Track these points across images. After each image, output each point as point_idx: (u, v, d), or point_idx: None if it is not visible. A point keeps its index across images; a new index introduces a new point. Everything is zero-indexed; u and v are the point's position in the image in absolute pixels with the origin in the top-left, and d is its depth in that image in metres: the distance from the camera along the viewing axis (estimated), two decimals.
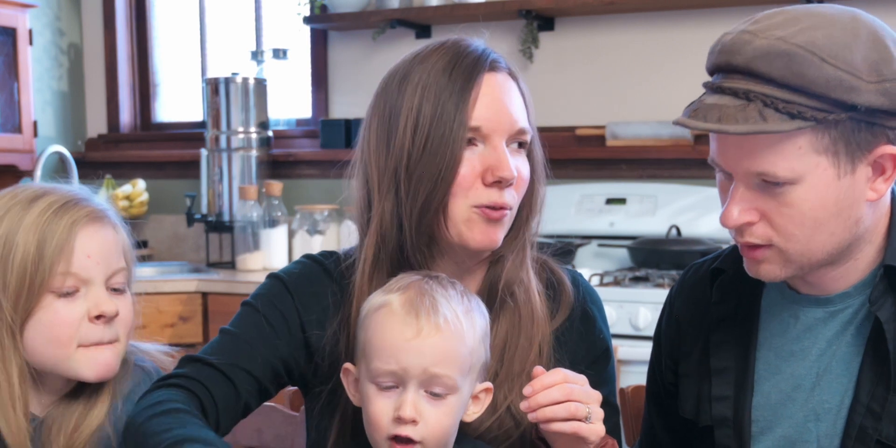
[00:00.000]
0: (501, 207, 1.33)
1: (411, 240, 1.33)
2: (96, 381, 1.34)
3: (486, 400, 1.30)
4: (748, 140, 1.18)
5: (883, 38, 1.18)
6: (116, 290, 1.35)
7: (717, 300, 1.38)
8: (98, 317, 1.31)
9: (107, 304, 1.32)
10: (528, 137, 1.37)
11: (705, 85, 1.25)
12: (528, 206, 1.39)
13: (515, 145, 1.36)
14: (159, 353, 1.47)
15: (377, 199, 1.35)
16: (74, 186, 1.39)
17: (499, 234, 1.34)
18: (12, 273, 1.28)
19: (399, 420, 1.20)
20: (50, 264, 1.28)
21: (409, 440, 1.21)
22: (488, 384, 1.30)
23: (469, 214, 1.32)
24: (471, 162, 1.32)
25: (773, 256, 1.24)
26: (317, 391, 1.40)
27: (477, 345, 1.26)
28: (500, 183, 1.31)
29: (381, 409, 1.22)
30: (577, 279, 1.47)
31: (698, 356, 1.39)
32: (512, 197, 1.34)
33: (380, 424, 1.22)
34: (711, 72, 1.26)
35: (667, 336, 1.46)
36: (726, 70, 1.21)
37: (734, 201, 1.22)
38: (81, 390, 1.36)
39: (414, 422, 1.20)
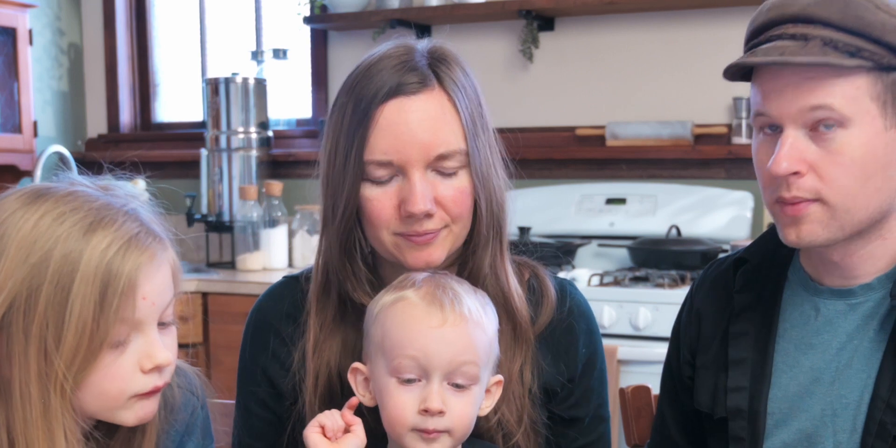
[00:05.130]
0: (426, 233, 1.32)
1: (341, 269, 1.36)
2: (135, 425, 1.18)
3: (497, 393, 1.31)
4: (808, 76, 1.21)
5: None
6: (164, 324, 1.16)
7: (739, 289, 1.39)
8: (152, 369, 1.13)
9: (162, 353, 1.13)
10: (456, 159, 1.32)
11: (752, 44, 1.27)
12: (476, 216, 1.36)
13: (441, 171, 1.32)
14: (185, 364, 1.33)
15: (321, 220, 1.39)
16: (118, 194, 1.17)
17: (435, 254, 1.33)
18: (69, 329, 1.06)
19: (426, 412, 1.21)
20: (113, 317, 1.08)
21: (436, 431, 1.22)
22: (499, 377, 1.31)
23: (395, 241, 1.33)
24: (386, 195, 1.31)
25: (816, 214, 1.24)
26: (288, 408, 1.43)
27: (494, 337, 1.28)
28: (412, 217, 1.30)
29: (403, 403, 1.22)
30: (565, 288, 1.45)
31: (717, 347, 1.39)
32: (437, 223, 1.32)
33: (403, 418, 1.22)
34: (756, 33, 1.27)
35: (686, 328, 1.46)
36: (778, 22, 1.25)
37: (783, 149, 1.23)
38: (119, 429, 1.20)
39: (441, 413, 1.21)
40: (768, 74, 1.24)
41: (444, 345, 1.21)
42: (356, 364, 1.30)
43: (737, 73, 1.28)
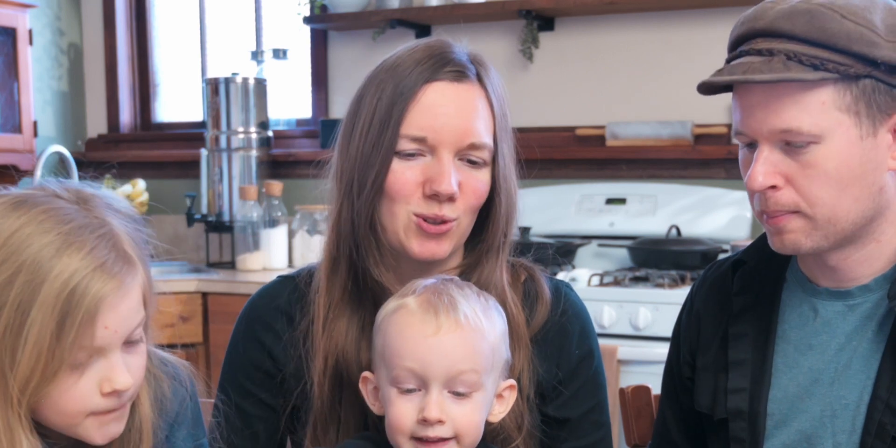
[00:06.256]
0: (443, 221, 1.33)
1: (364, 243, 1.35)
2: (103, 444, 1.17)
3: (511, 398, 1.30)
4: (773, 95, 1.22)
5: (893, 8, 1.24)
6: (132, 343, 1.15)
7: (738, 291, 1.39)
8: (111, 392, 1.12)
9: (121, 378, 1.12)
10: (484, 153, 1.35)
11: (729, 58, 1.28)
12: (493, 217, 1.38)
13: (468, 159, 1.34)
14: (174, 357, 1.34)
15: (336, 198, 1.38)
16: (95, 207, 1.15)
17: (442, 247, 1.34)
18: (24, 354, 1.06)
19: (424, 422, 1.19)
20: (69, 346, 1.07)
21: (439, 439, 1.20)
22: (511, 381, 1.30)
23: (408, 222, 1.33)
24: (411, 171, 1.32)
25: (797, 224, 1.25)
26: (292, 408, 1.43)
27: (498, 342, 1.26)
28: (438, 196, 1.31)
29: (403, 412, 1.21)
30: (559, 290, 1.45)
31: (717, 349, 1.39)
32: (454, 210, 1.33)
33: (403, 427, 1.21)
34: (733, 47, 1.29)
35: (686, 330, 1.46)
36: (749, 36, 1.25)
37: (759, 164, 1.24)
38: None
39: (440, 422, 1.20)
40: (740, 92, 1.26)
41: (440, 355, 1.20)
42: (366, 373, 1.30)
43: (711, 88, 1.28)
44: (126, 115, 4.38)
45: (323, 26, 3.88)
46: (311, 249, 3.61)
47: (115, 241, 1.12)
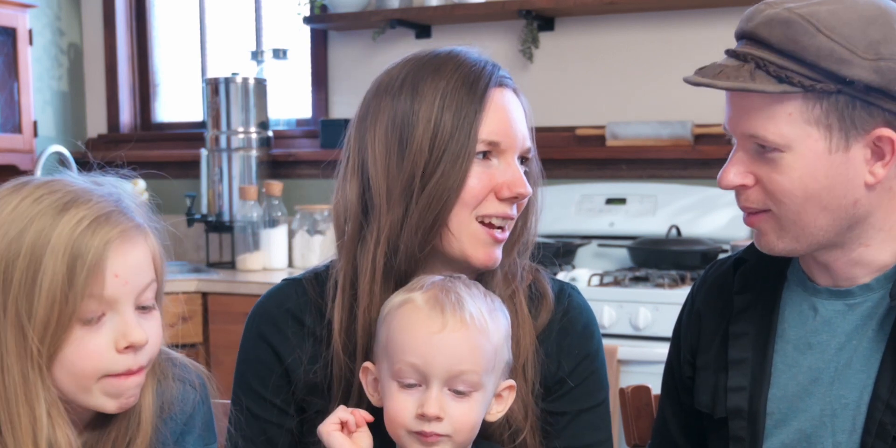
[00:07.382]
0: (511, 218, 1.35)
1: (415, 249, 1.33)
2: (117, 412, 1.19)
3: (510, 398, 1.31)
4: (743, 100, 1.24)
5: (892, 22, 1.21)
6: (145, 308, 1.18)
7: (739, 289, 1.39)
8: (127, 347, 1.14)
9: (136, 332, 1.14)
10: (531, 155, 1.39)
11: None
12: (524, 218, 1.41)
13: (520, 161, 1.37)
14: (188, 360, 1.36)
15: (385, 208, 1.33)
16: (104, 185, 1.21)
17: (500, 253, 1.36)
18: (40, 301, 1.10)
19: (423, 417, 1.21)
20: (81, 291, 1.10)
21: (435, 434, 1.22)
22: (511, 382, 1.30)
23: (474, 230, 1.33)
24: (486, 174, 1.33)
25: (768, 224, 1.27)
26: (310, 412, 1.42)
27: (501, 343, 1.27)
28: (516, 198, 1.34)
29: (402, 407, 1.22)
30: (564, 291, 1.46)
31: (717, 347, 1.40)
32: (515, 211, 1.37)
33: (401, 421, 1.23)
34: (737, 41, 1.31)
35: (687, 329, 1.47)
36: (739, 36, 1.27)
37: (731, 163, 1.27)
38: (114, 419, 1.22)
39: (438, 419, 1.21)
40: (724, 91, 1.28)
41: (443, 352, 1.21)
42: (367, 364, 1.30)
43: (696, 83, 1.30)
44: (126, 115, 4.38)
45: (323, 26, 3.88)
46: (311, 249, 3.61)
47: (120, 202, 1.18)
